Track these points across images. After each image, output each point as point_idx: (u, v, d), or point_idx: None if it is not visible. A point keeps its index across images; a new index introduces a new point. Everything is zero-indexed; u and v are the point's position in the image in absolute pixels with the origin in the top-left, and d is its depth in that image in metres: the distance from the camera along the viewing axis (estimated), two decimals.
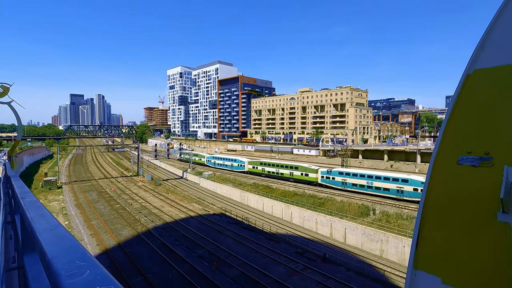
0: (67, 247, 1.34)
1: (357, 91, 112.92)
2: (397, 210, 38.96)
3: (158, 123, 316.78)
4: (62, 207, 46.79)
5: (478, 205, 1.31)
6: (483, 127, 1.43)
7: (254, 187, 60.66)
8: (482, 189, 1.32)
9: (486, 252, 1.23)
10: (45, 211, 2.13)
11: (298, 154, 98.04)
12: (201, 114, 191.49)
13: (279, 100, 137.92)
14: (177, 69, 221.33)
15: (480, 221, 1.28)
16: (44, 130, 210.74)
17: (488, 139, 1.40)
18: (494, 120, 1.40)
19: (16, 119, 31.43)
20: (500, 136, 1.36)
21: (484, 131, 1.42)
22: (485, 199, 1.29)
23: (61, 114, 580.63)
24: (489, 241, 1.24)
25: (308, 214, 43.64)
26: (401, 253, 32.75)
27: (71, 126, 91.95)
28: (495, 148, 1.35)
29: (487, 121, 1.43)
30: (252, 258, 29.38)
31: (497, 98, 1.43)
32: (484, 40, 1.55)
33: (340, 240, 38.92)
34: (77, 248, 1.30)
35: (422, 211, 1.50)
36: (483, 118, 1.45)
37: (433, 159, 1.56)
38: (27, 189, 3.95)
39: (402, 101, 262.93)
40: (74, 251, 1.26)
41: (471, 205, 1.34)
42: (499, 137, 1.36)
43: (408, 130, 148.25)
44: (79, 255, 1.19)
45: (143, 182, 71.19)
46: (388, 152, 77.59)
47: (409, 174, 47.24)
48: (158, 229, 37.63)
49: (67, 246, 1.35)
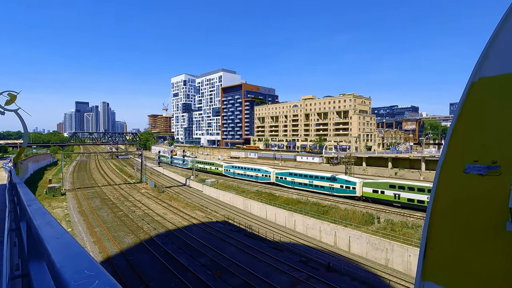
0: (75, 255, 1.34)
1: (360, 98, 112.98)
2: (402, 219, 38.44)
3: (162, 130, 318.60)
4: (66, 214, 46.86)
5: (486, 215, 1.29)
6: (490, 135, 1.42)
7: (257, 194, 60.36)
8: (490, 199, 1.30)
9: (496, 263, 1.20)
10: (51, 218, 2.14)
11: (301, 161, 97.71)
12: (205, 121, 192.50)
13: (282, 107, 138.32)
14: (181, 77, 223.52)
15: (489, 231, 1.25)
16: (49, 137, 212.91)
17: (495, 148, 1.38)
18: (500, 128, 1.39)
19: (22, 126, 31.85)
20: (507, 144, 1.34)
21: (490, 139, 1.41)
22: (494, 209, 1.27)
23: (66, 121, 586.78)
24: (499, 251, 1.20)
25: (312, 222, 43.22)
26: (407, 262, 32.16)
27: (75, 133, 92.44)
28: (503, 156, 1.33)
29: (493, 129, 1.42)
30: (255, 266, 29.04)
31: (503, 106, 1.42)
32: (489, 48, 1.54)
33: (345, 249, 38.38)
34: (85, 256, 1.29)
35: (429, 221, 1.48)
36: (490, 126, 1.43)
37: (439, 168, 1.54)
38: (33, 196, 3.97)
39: (405, 108, 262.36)
40: (82, 260, 1.25)
41: (479, 214, 1.31)
42: (506, 146, 1.34)
43: (412, 137, 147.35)
44: (87, 264, 1.18)
45: (146, 189, 71.23)
46: (392, 160, 77.07)
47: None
48: (160, 236, 37.45)
49: (75, 255, 1.34)
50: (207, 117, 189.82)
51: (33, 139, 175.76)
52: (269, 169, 67.29)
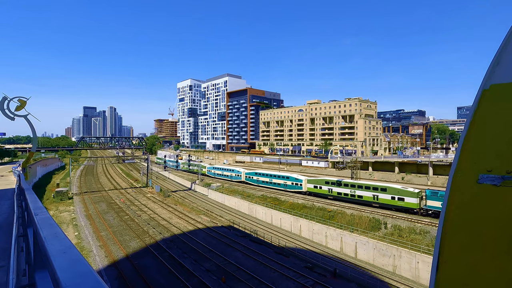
0: (81, 274, 1.31)
1: (365, 102, 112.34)
2: (409, 224, 37.82)
3: (168, 134, 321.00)
4: (73, 217, 47.28)
5: (501, 228, 1.23)
6: (503, 144, 1.36)
7: (262, 199, 60.12)
8: (505, 210, 1.25)
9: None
10: (58, 230, 2.14)
11: (306, 165, 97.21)
12: (210, 126, 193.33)
13: (287, 111, 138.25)
14: (187, 82, 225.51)
15: (504, 245, 1.20)
16: (57, 142, 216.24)
17: (509, 157, 1.33)
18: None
19: (31, 131, 32.38)
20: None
21: (504, 149, 1.35)
22: (509, 221, 1.21)
23: (74, 126, 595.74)
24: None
25: (318, 227, 42.79)
26: (415, 269, 31.55)
27: (83, 138, 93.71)
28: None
29: (507, 138, 1.36)
30: (261, 272, 28.78)
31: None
32: (500, 55, 1.50)
33: (351, 255, 37.86)
34: (91, 275, 1.27)
35: (441, 232, 1.42)
36: (503, 134, 1.38)
37: (451, 178, 1.48)
38: (40, 204, 4.00)
39: (412, 112, 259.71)
40: (88, 279, 1.23)
41: (494, 227, 1.25)
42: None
43: (419, 141, 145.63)
44: (93, 284, 1.16)
45: (152, 193, 71.55)
46: (399, 164, 76.14)
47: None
48: (166, 241, 37.47)
49: (81, 273, 1.32)
50: (213, 121, 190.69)
51: (42, 144, 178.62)
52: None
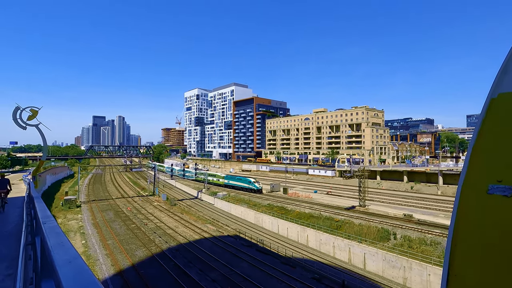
0: (85, 284, 1.31)
1: (373, 111, 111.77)
2: (419, 235, 36.91)
3: (175, 143, 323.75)
4: (80, 226, 47.60)
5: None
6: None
7: (269, 208, 59.65)
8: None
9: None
10: (64, 238, 2.15)
11: (313, 174, 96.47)
12: (217, 134, 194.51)
13: (294, 120, 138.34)
14: (194, 91, 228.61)
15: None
16: (67, 150, 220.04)
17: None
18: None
19: (42, 140, 33.05)
20: None
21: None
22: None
23: (84, 134, 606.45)
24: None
25: (325, 237, 42.08)
26: (426, 281, 30.61)
27: (92, 147, 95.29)
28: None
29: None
30: (267, 283, 28.30)
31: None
32: (507, 63, 1.47)
33: (360, 266, 36.99)
34: (96, 286, 1.26)
35: (451, 245, 1.37)
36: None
37: (460, 188, 1.43)
38: (48, 213, 4.05)
39: (420, 120, 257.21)
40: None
41: (506, 239, 1.20)
42: None
43: (428, 150, 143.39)
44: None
45: (159, 202, 71.72)
46: (408, 173, 74.96)
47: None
48: (171, 250, 37.30)
49: (85, 284, 1.31)
50: (219, 130, 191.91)
51: (52, 152, 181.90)
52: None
